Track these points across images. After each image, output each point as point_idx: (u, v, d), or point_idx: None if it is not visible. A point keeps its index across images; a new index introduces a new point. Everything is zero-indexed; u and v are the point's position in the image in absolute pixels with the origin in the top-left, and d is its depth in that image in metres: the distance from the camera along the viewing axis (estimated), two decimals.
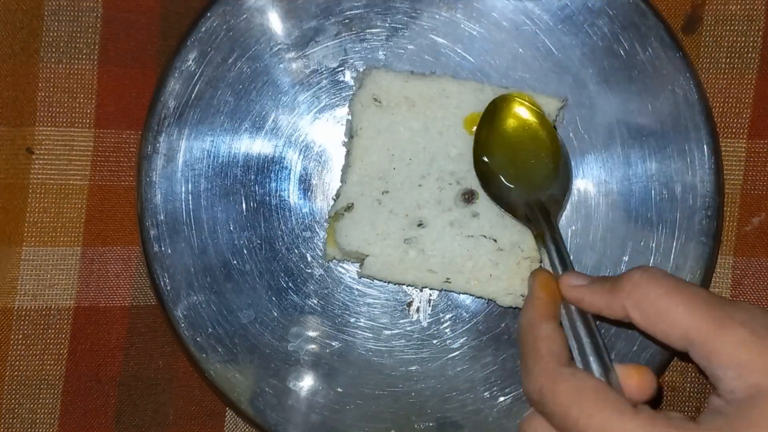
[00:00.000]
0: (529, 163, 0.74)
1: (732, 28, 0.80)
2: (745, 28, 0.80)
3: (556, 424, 0.59)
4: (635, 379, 0.60)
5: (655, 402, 0.62)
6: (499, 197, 0.74)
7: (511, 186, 0.74)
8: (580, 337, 0.63)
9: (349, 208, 0.75)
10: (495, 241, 0.75)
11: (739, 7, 0.80)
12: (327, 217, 0.77)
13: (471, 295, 0.77)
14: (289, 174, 0.78)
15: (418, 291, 0.79)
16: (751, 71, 0.80)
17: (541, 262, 0.75)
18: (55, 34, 0.80)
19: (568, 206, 0.78)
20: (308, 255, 0.78)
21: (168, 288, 0.77)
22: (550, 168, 0.74)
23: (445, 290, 0.77)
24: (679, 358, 0.79)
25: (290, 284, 0.78)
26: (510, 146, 0.74)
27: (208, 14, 0.76)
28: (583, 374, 0.59)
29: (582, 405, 0.57)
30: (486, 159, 0.74)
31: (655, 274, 0.61)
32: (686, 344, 0.58)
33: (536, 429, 0.61)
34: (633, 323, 0.61)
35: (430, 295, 0.79)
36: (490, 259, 0.75)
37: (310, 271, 0.78)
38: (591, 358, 0.61)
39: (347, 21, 0.77)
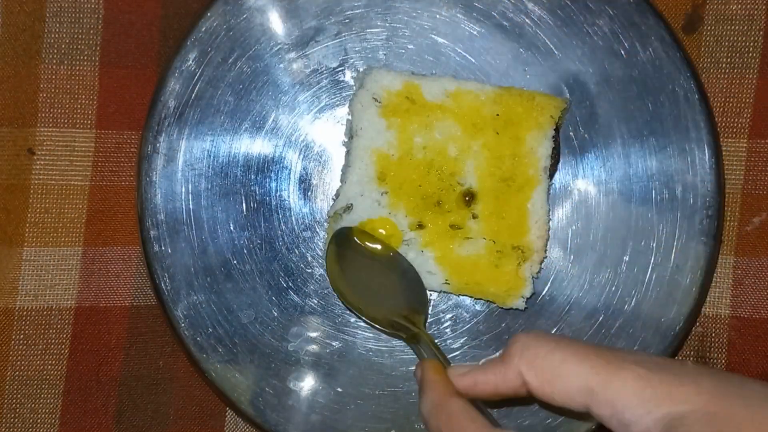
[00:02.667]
0: (382, 290, 0.75)
1: (733, 27, 0.80)
2: (745, 27, 0.80)
3: None
4: None
5: None
6: (365, 319, 0.75)
7: (371, 312, 0.74)
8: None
9: (349, 208, 0.75)
10: (494, 242, 0.75)
11: (739, 6, 0.80)
12: (327, 217, 0.77)
13: (471, 297, 0.77)
14: (289, 174, 0.78)
15: None
16: (751, 71, 0.80)
17: (542, 264, 0.75)
18: (56, 35, 0.80)
19: (568, 206, 0.78)
20: (308, 255, 0.78)
21: (168, 288, 0.77)
22: (403, 288, 0.75)
23: (445, 292, 0.77)
24: (581, 419, 0.76)
25: (290, 284, 0.78)
26: (359, 281, 0.75)
27: (208, 14, 0.76)
28: None
29: None
30: (343, 294, 0.75)
31: (539, 333, 0.60)
32: (586, 397, 0.57)
33: None
34: (530, 390, 0.59)
35: (431, 295, 0.78)
36: (490, 260, 0.75)
37: (310, 271, 0.78)
38: None
39: (347, 21, 0.77)
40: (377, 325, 0.75)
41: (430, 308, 0.79)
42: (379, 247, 0.75)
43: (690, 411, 0.54)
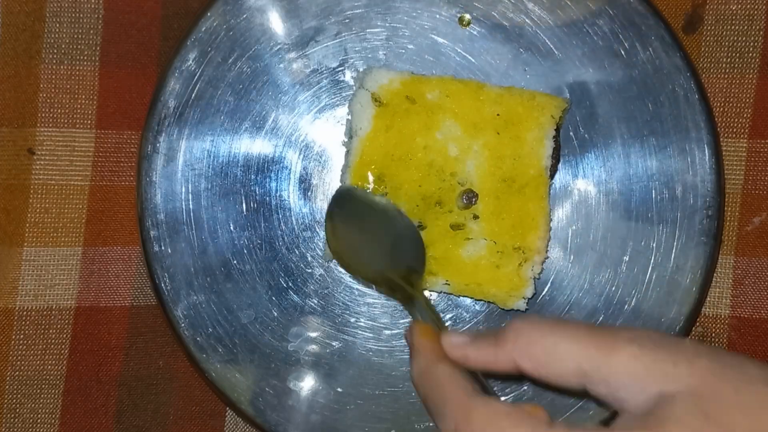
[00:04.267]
0: (378, 248, 0.74)
1: (733, 27, 0.80)
2: (745, 27, 0.80)
3: None
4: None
5: None
6: (360, 279, 0.75)
7: (365, 271, 0.73)
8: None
9: None
10: (495, 243, 0.75)
11: (739, 6, 0.80)
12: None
13: (471, 297, 0.77)
14: (289, 174, 0.78)
15: None
16: (752, 71, 0.80)
17: (543, 264, 0.75)
18: (56, 35, 0.80)
19: (568, 206, 0.78)
20: (308, 255, 0.78)
21: (168, 288, 0.77)
22: (400, 246, 0.74)
23: (445, 293, 0.77)
24: (579, 397, 0.76)
25: (290, 284, 0.78)
26: (354, 239, 0.74)
27: (208, 14, 0.76)
28: (494, 401, 0.58)
29: (498, 427, 0.55)
30: (338, 254, 0.74)
31: (533, 318, 0.60)
32: (581, 378, 0.57)
33: None
34: (524, 373, 0.59)
35: (431, 295, 0.78)
36: (491, 261, 0.75)
37: (310, 271, 0.78)
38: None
39: (347, 21, 0.77)
40: (373, 285, 0.74)
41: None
42: (383, 200, 0.74)
43: (680, 392, 0.54)
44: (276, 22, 0.77)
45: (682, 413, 0.53)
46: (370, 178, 0.75)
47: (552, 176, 0.76)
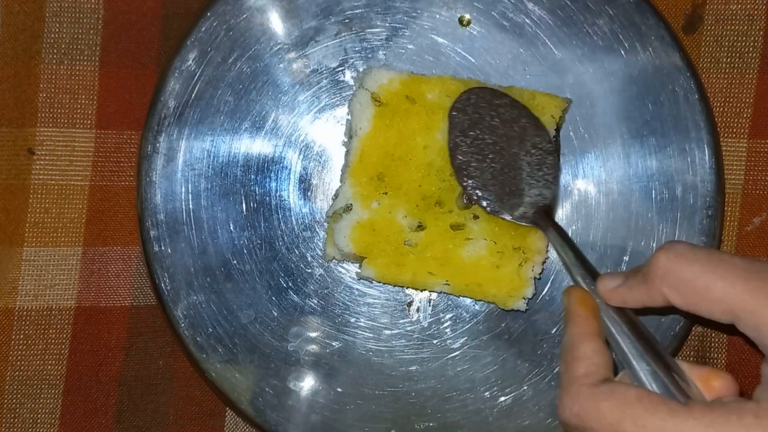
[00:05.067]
0: (517, 172, 0.73)
1: (733, 27, 0.80)
2: (745, 27, 0.80)
3: None
4: (716, 382, 0.59)
5: None
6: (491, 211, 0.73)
7: (503, 202, 0.73)
8: (626, 342, 0.61)
9: (348, 208, 0.75)
10: (495, 243, 0.75)
11: (739, 6, 0.80)
12: (326, 217, 0.77)
13: (471, 298, 0.77)
14: (289, 174, 0.78)
15: (419, 291, 0.78)
16: (751, 71, 0.80)
17: (543, 264, 0.75)
18: (56, 35, 0.80)
19: (568, 206, 0.78)
20: (308, 255, 0.78)
21: (168, 288, 0.77)
22: (542, 169, 0.73)
23: (445, 293, 0.77)
24: (726, 331, 0.79)
25: (290, 284, 0.78)
26: (487, 158, 0.73)
27: (208, 14, 0.76)
28: (622, 387, 0.57)
29: (632, 416, 0.55)
30: (465, 182, 0.73)
31: (681, 252, 0.59)
32: (732, 318, 0.57)
33: None
34: (676, 306, 0.60)
35: (431, 295, 0.78)
36: (491, 261, 0.75)
37: (310, 271, 0.78)
38: (636, 363, 0.60)
39: (347, 21, 0.77)
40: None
41: (430, 308, 0.79)
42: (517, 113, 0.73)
43: None
44: (276, 22, 0.77)
45: None
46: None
47: None
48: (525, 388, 0.78)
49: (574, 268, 0.66)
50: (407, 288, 0.78)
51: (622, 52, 0.77)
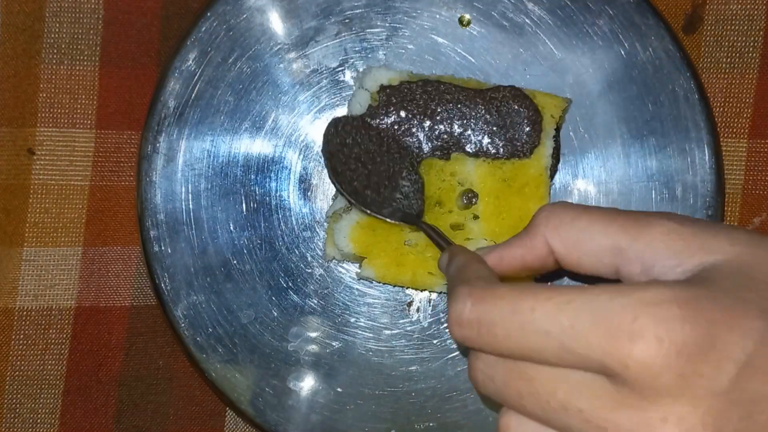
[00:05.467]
0: (382, 184, 0.74)
1: (733, 27, 0.80)
2: (746, 27, 0.80)
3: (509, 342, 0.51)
4: None
5: None
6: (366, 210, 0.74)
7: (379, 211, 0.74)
8: None
9: (348, 209, 0.75)
10: (495, 243, 0.75)
11: (739, 6, 0.80)
12: (326, 217, 0.77)
13: None
14: (289, 174, 0.78)
15: (419, 291, 0.78)
16: (752, 71, 0.80)
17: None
18: (56, 35, 0.80)
19: None
20: (308, 255, 0.78)
21: (168, 288, 0.77)
22: (406, 195, 0.74)
23: (445, 293, 0.77)
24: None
25: (290, 284, 0.78)
26: (358, 171, 0.74)
27: (208, 14, 0.76)
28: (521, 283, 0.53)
29: (534, 293, 0.50)
30: (341, 190, 0.74)
31: (564, 202, 0.58)
32: (615, 256, 0.54)
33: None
34: (557, 258, 0.57)
35: (430, 295, 0.78)
36: None
37: (310, 271, 0.78)
38: None
39: (347, 21, 0.78)
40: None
41: (430, 308, 0.79)
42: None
43: (723, 261, 0.51)
44: (276, 22, 0.77)
45: (723, 279, 0.50)
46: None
47: (552, 176, 0.76)
48: None
49: (437, 240, 0.67)
50: (407, 288, 0.78)
51: (622, 52, 0.77)
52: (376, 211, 0.74)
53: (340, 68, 0.78)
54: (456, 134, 0.74)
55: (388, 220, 0.73)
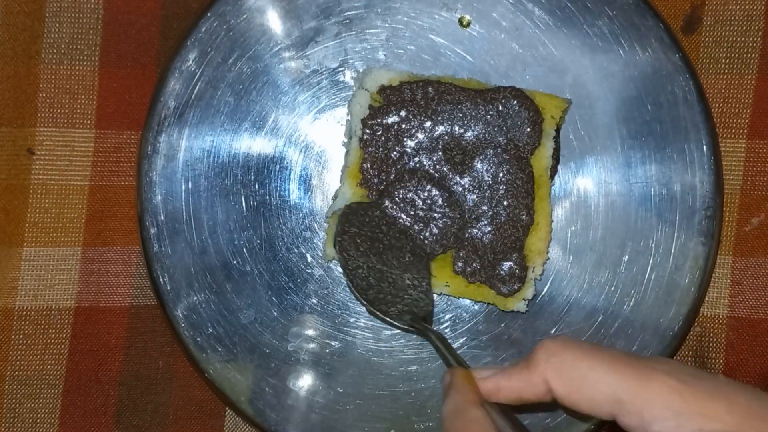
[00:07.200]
0: (393, 290, 0.73)
1: (731, 28, 0.80)
2: (744, 28, 0.80)
3: None
4: None
5: None
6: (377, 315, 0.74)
7: (387, 310, 0.73)
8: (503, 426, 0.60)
9: None
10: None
11: (738, 7, 0.80)
12: (326, 217, 0.77)
13: (471, 299, 0.77)
14: (290, 174, 0.78)
15: None
16: (750, 71, 0.80)
17: (544, 265, 0.75)
18: (56, 35, 0.80)
19: (568, 206, 0.78)
20: (308, 255, 0.79)
21: (168, 288, 0.77)
22: (416, 287, 0.73)
23: (445, 294, 0.77)
24: (583, 420, 0.75)
25: (290, 284, 0.78)
26: (370, 278, 0.73)
27: (208, 14, 0.76)
28: None
29: None
30: (355, 293, 0.73)
31: (565, 339, 0.59)
32: (614, 405, 0.56)
33: None
34: (555, 397, 0.58)
35: None
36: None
37: (310, 271, 0.79)
38: None
39: (347, 21, 0.78)
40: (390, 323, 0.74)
41: None
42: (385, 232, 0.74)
43: (721, 430, 0.53)
44: (276, 23, 0.77)
45: None
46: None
47: (552, 177, 0.76)
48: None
49: (446, 355, 0.66)
50: None
51: (622, 53, 0.77)
52: (384, 311, 0.72)
53: (340, 69, 0.78)
54: (456, 135, 0.75)
55: (396, 323, 0.72)
